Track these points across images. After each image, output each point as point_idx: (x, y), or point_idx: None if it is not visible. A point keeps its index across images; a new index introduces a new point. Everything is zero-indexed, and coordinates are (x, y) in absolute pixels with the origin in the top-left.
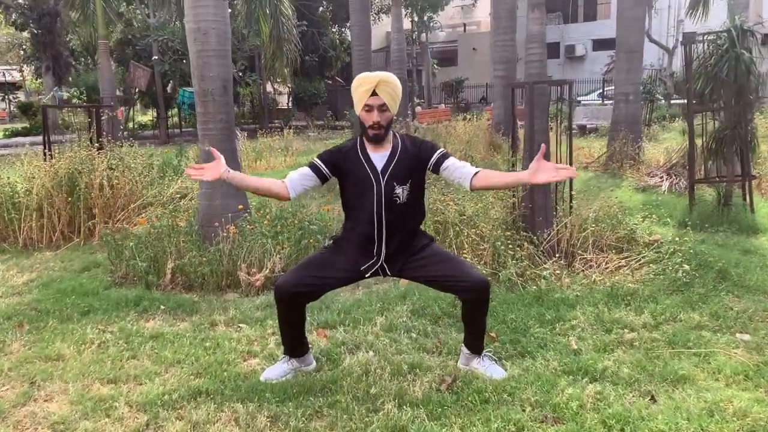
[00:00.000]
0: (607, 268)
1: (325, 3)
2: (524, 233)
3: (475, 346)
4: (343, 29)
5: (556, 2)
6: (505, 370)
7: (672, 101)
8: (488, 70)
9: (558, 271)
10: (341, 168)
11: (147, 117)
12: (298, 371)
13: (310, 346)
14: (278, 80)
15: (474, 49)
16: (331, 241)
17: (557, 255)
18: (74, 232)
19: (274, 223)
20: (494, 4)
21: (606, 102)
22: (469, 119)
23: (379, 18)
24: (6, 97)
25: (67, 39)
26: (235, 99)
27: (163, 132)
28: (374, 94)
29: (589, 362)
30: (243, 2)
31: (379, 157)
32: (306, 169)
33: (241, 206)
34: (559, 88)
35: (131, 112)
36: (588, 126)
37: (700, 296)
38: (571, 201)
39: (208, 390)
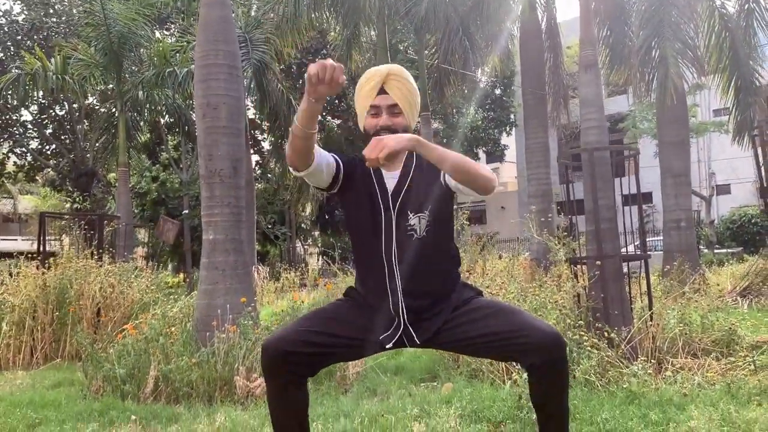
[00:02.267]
0: (711, 373)
1: None
2: (596, 329)
3: None
4: None
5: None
6: None
7: (716, 250)
8: (517, 226)
9: (650, 372)
10: (351, 180)
11: (177, 280)
12: None
13: None
14: (307, 232)
15: (502, 207)
16: (344, 295)
17: (642, 358)
18: (58, 353)
19: (284, 318)
20: (527, 138)
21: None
22: (507, 258)
23: None
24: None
25: (106, 205)
26: (263, 258)
27: (188, 285)
28: (382, 92)
29: None
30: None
31: (390, 176)
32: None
33: (244, 299)
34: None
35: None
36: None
37: None
38: (649, 293)
39: None
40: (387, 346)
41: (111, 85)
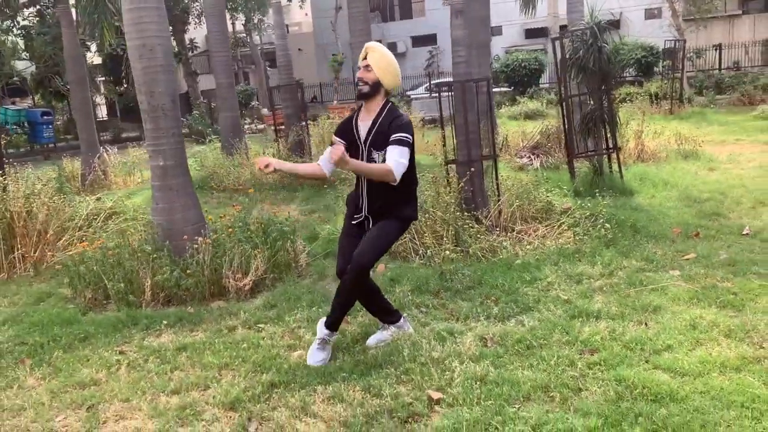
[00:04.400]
0: (540, 235)
1: None
2: (468, 213)
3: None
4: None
5: (374, 2)
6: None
7: (494, 89)
8: (315, 70)
9: (509, 242)
10: (349, 133)
11: None
12: (396, 335)
13: (403, 315)
14: (103, 93)
15: (300, 49)
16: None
17: (497, 229)
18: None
19: (243, 229)
20: (349, 8)
21: (434, 95)
22: (332, 118)
23: (200, 22)
24: None
25: None
26: (48, 113)
27: None
28: (365, 58)
29: (585, 307)
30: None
31: (364, 125)
32: (329, 148)
33: (211, 217)
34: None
35: None
36: (426, 118)
37: (628, 247)
38: (497, 183)
39: (283, 381)
40: (354, 223)
41: None
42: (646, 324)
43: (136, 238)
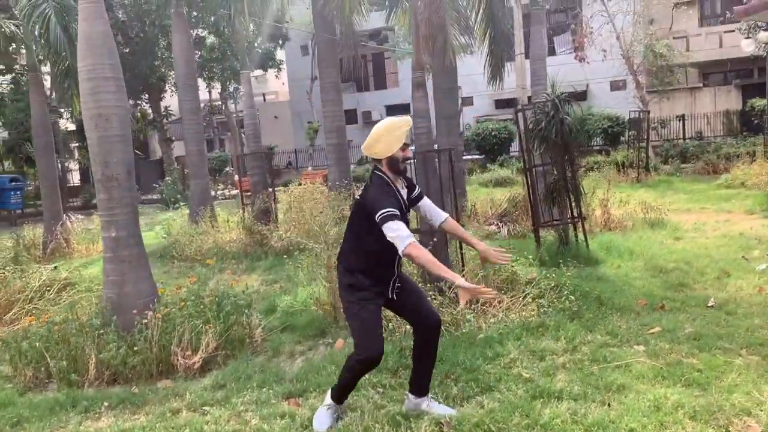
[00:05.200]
0: (504, 307)
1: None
2: (431, 284)
3: (424, 386)
4: (138, 102)
5: (350, 73)
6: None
7: (464, 157)
8: (291, 137)
9: (473, 315)
10: (401, 205)
11: None
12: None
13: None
14: (74, 158)
15: (276, 117)
16: (357, 297)
17: (463, 303)
18: None
19: (196, 303)
20: (321, 79)
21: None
22: (304, 184)
23: (176, 90)
24: None
25: None
26: (16, 179)
27: None
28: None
29: (546, 386)
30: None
31: (401, 189)
32: (400, 224)
33: (162, 290)
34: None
35: None
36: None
37: (592, 320)
38: (462, 253)
39: None
40: (393, 298)
41: None
42: (609, 405)
43: (87, 312)
